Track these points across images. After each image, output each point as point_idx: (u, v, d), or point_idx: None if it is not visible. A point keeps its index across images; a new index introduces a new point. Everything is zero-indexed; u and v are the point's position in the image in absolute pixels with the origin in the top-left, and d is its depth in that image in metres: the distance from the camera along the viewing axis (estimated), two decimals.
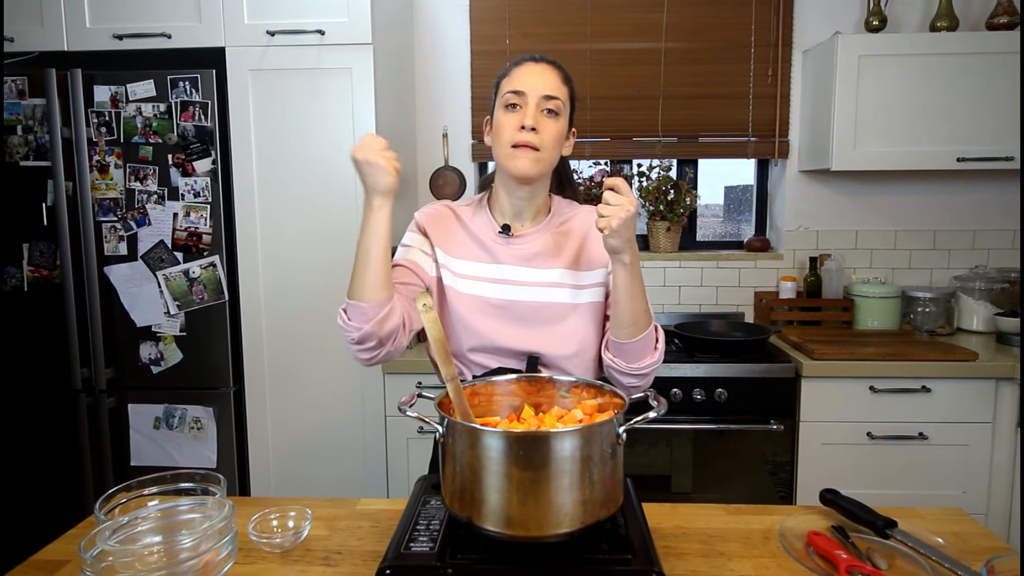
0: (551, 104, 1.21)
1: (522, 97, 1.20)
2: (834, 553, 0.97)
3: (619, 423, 0.89)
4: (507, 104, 1.21)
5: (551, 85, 1.22)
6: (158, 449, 2.23)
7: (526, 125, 1.19)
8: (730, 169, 2.99)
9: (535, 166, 1.21)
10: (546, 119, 1.21)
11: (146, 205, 2.14)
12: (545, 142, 1.21)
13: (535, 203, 1.30)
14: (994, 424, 2.14)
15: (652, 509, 1.15)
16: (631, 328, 1.15)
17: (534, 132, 1.19)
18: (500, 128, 1.22)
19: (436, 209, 1.34)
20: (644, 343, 1.16)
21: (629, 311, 1.14)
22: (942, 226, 2.73)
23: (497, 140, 1.23)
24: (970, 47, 2.31)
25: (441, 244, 1.30)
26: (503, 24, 2.68)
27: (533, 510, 0.85)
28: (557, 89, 1.23)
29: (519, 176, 1.22)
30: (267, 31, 2.08)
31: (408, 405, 0.95)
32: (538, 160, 1.21)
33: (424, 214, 1.33)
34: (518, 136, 1.20)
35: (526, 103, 1.20)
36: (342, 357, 2.20)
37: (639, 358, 1.17)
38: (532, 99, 1.20)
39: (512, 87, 1.21)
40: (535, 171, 1.21)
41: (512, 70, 1.24)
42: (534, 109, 1.20)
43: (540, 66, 1.24)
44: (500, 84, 1.25)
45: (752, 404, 2.16)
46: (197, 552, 0.86)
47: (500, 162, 1.24)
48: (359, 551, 1.04)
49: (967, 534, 1.08)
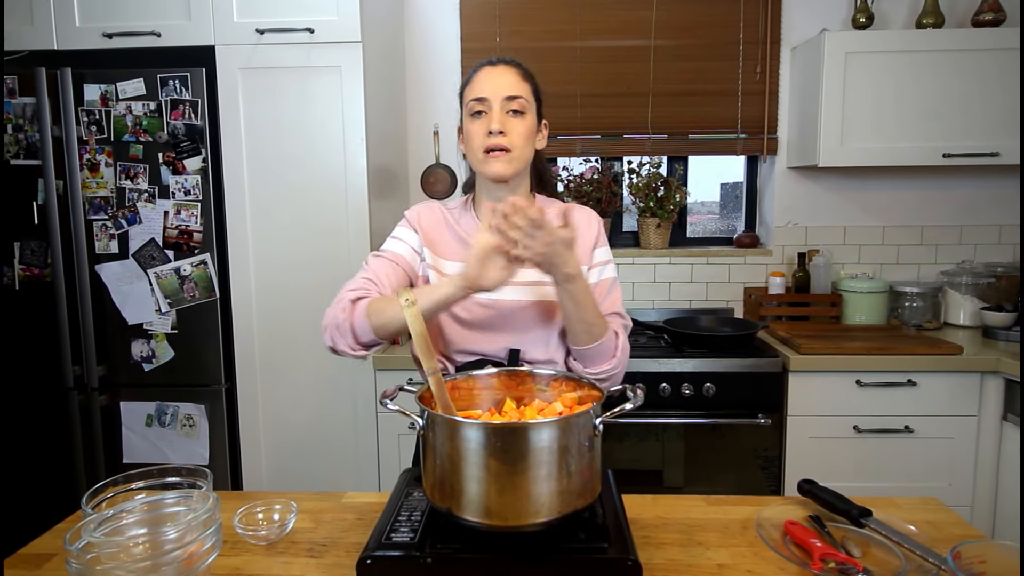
0: (515, 104, 1.24)
1: (485, 103, 1.23)
2: (809, 542, 0.99)
3: (596, 415, 0.90)
4: (472, 112, 1.25)
5: (512, 85, 1.24)
6: (150, 446, 2.24)
7: (493, 130, 1.22)
8: (726, 166, 3.01)
9: (509, 166, 1.24)
10: (512, 119, 1.24)
11: (137, 203, 2.15)
12: (515, 142, 1.23)
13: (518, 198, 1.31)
14: (979, 417, 2.16)
15: (633, 500, 1.16)
16: (585, 336, 1.19)
17: (502, 135, 1.22)
18: (470, 137, 1.26)
19: (429, 208, 1.36)
20: (600, 350, 1.20)
21: (576, 321, 1.17)
22: (929, 221, 2.75)
23: (470, 149, 1.27)
24: (956, 44, 2.33)
25: (431, 244, 1.31)
26: (493, 22, 2.69)
27: (511, 500, 0.86)
28: (518, 88, 1.25)
29: (496, 178, 1.25)
30: (256, 29, 2.09)
31: (390, 398, 0.96)
32: (511, 160, 1.24)
33: (417, 212, 1.35)
34: (488, 141, 1.23)
35: (490, 108, 1.23)
36: (332, 354, 2.21)
37: (595, 364, 1.21)
38: (495, 103, 1.23)
39: (474, 95, 1.25)
40: (510, 171, 1.25)
41: (472, 78, 1.27)
42: (499, 112, 1.23)
43: (498, 69, 1.26)
44: (464, 94, 1.29)
45: (740, 398, 2.18)
46: (181, 543, 0.87)
47: (477, 168, 1.28)
48: (343, 543, 1.06)
49: (941, 522, 1.10)
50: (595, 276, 1.32)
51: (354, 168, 2.15)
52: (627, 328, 1.30)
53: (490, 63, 1.28)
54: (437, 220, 1.34)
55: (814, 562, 0.94)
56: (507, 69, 1.26)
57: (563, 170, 2.81)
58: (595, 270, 1.32)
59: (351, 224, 2.17)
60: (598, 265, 1.33)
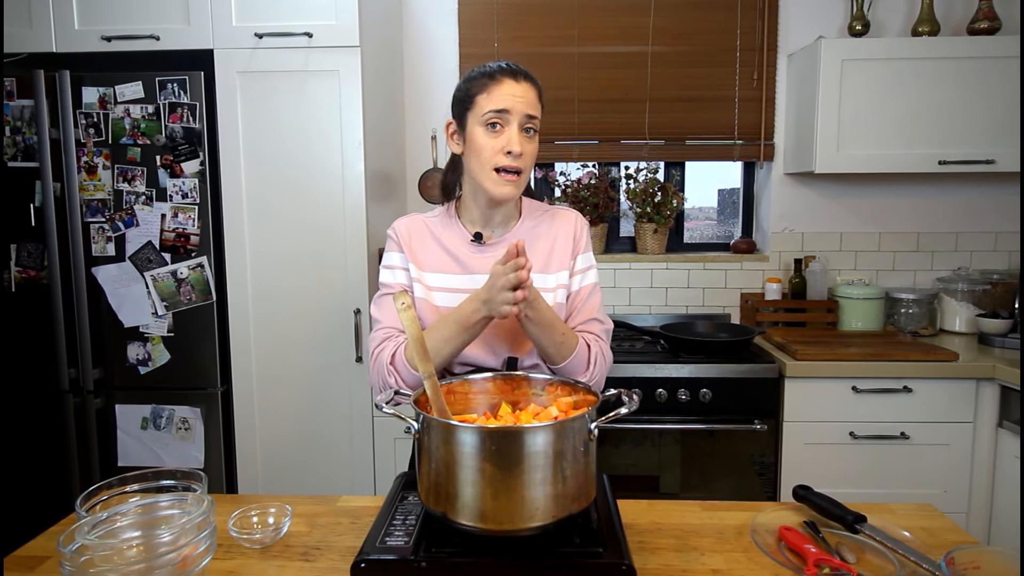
0: (532, 123, 1.22)
1: (504, 116, 1.19)
2: (804, 547, 0.99)
3: (591, 419, 0.91)
4: (488, 123, 1.20)
5: (533, 104, 1.22)
6: (145, 450, 2.24)
7: (514, 151, 1.18)
8: (724, 172, 3.02)
9: (518, 190, 1.23)
10: (527, 140, 1.21)
11: (134, 206, 2.15)
12: (527, 163, 1.22)
13: (505, 209, 1.31)
14: (975, 424, 2.17)
15: (629, 506, 1.16)
16: (555, 354, 1.22)
17: (520, 156, 1.20)
18: (481, 148, 1.21)
19: (411, 222, 1.34)
20: (573, 365, 1.23)
21: (545, 344, 1.21)
22: (925, 228, 2.76)
23: (477, 159, 1.22)
24: (951, 52, 2.34)
25: (414, 258, 1.30)
26: (491, 27, 2.70)
27: (506, 504, 0.86)
28: (537, 107, 1.23)
29: (504, 200, 1.23)
30: (255, 33, 2.10)
31: (385, 402, 0.97)
32: (521, 184, 1.23)
33: (402, 228, 1.33)
34: (503, 161, 1.19)
35: (508, 123, 1.19)
36: (329, 358, 2.21)
37: (573, 375, 1.23)
38: (515, 121, 1.19)
39: (495, 106, 1.19)
40: (518, 194, 1.24)
41: (491, 86, 1.20)
42: (518, 133, 1.19)
43: (522, 85, 1.21)
44: (476, 99, 1.21)
45: (736, 404, 2.18)
46: (176, 546, 0.87)
47: (480, 182, 1.23)
48: (338, 547, 1.05)
49: (935, 528, 1.11)
50: (576, 283, 1.32)
51: (352, 172, 2.15)
52: (608, 332, 1.31)
53: (512, 74, 1.21)
54: (421, 234, 1.33)
55: (809, 568, 0.94)
56: (530, 87, 1.22)
57: (560, 175, 2.82)
58: (576, 277, 1.32)
59: (348, 228, 2.17)
60: (579, 272, 1.32)
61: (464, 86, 1.25)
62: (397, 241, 1.31)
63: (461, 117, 1.25)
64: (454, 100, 1.28)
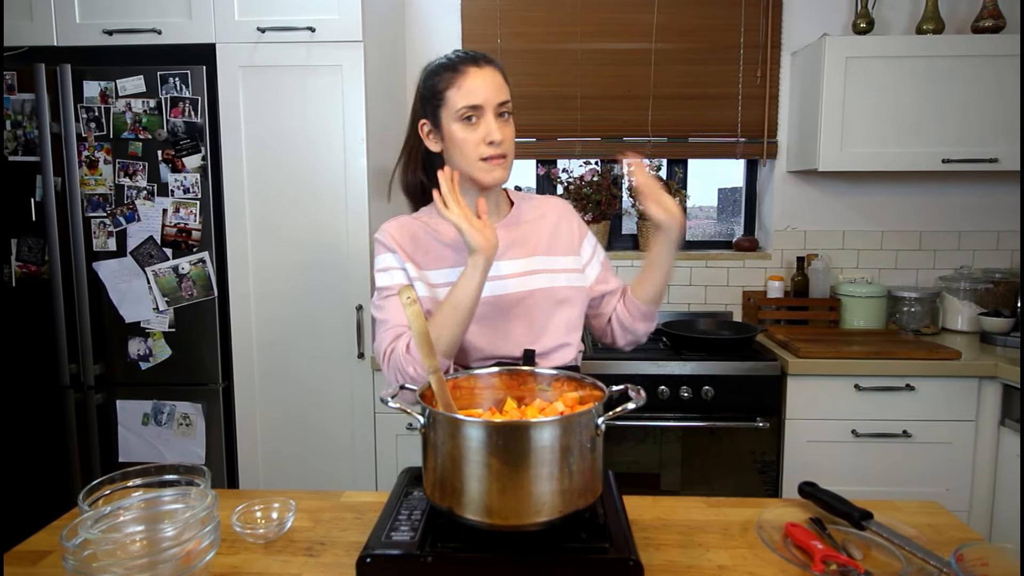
0: (505, 108, 1.24)
1: (479, 110, 1.21)
2: (810, 544, 0.98)
3: (598, 414, 0.90)
4: (464, 118, 1.21)
5: (501, 88, 1.23)
6: (146, 445, 2.23)
7: (495, 140, 1.21)
8: (723, 171, 3.01)
9: (507, 171, 1.27)
10: (504, 124, 1.24)
11: (135, 201, 2.14)
12: (508, 146, 1.25)
13: (494, 195, 1.34)
14: (977, 422, 2.16)
15: (633, 502, 1.16)
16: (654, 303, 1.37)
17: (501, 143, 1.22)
18: (462, 144, 1.22)
19: (401, 224, 1.31)
20: (655, 315, 1.40)
21: (662, 288, 1.35)
22: (928, 227, 2.76)
23: (461, 154, 1.23)
24: (955, 50, 2.33)
25: (413, 259, 1.27)
26: (494, 23, 2.69)
27: (512, 499, 0.86)
28: (505, 90, 1.24)
29: (497, 184, 1.26)
30: (258, 28, 2.09)
31: (391, 396, 0.96)
32: (508, 165, 1.27)
33: (393, 230, 1.29)
34: (487, 151, 1.22)
35: (483, 114, 1.21)
36: (330, 354, 2.21)
37: (651, 321, 1.40)
38: (490, 110, 1.21)
39: (467, 101, 1.20)
40: (508, 175, 1.27)
41: (457, 79, 1.21)
42: (495, 121, 1.22)
43: (487, 72, 1.22)
44: (445, 95, 1.22)
45: (738, 402, 2.18)
46: (179, 541, 0.87)
47: (471, 174, 1.24)
48: (342, 542, 1.05)
49: (941, 526, 1.10)
50: (595, 265, 1.42)
51: (354, 168, 2.15)
52: None
53: (473, 61, 1.22)
54: (412, 233, 1.30)
55: (815, 564, 0.94)
56: (495, 72, 1.23)
57: (563, 172, 2.81)
58: (593, 258, 1.42)
59: (350, 223, 2.16)
60: (591, 249, 1.42)
61: (429, 83, 1.26)
62: (388, 244, 1.28)
63: (434, 115, 1.25)
64: (421, 99, 1.28)
